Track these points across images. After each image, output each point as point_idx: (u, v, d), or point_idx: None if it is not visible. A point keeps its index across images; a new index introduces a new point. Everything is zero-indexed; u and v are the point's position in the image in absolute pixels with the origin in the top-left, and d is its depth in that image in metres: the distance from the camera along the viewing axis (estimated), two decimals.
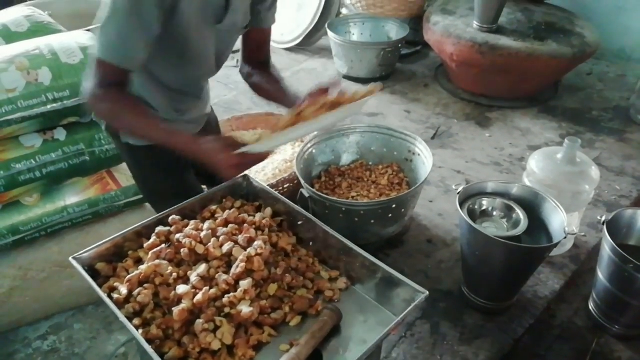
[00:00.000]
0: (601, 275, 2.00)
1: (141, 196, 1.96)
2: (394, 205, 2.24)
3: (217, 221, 1.18)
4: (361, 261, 1.12)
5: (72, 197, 1.85)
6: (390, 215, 2.27)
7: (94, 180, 1.90)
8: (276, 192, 1.29)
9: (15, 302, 1.84)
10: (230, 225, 1.16)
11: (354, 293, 1.13)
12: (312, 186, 2.39)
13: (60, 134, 1.78)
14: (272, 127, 1.16)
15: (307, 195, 2.15)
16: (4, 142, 1.70)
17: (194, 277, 1.03)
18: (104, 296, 0.99)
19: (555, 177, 2.16)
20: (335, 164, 2.73)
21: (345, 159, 2.75)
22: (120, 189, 1.92)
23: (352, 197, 2.45)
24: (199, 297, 1.00)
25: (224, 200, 1.31)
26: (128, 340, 1.95)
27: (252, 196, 1.36)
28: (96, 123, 1.84)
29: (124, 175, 1.97)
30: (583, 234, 2.49)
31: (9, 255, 1.81)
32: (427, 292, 1.02)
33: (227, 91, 3.81)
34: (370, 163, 2.71)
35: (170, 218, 1.19)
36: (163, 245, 1.09)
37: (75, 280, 1.94)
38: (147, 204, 1.98)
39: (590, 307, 2.12)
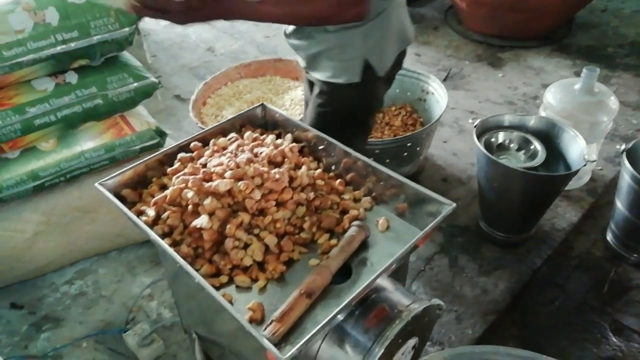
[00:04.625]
0: (620, 204, 2.00)
1: (156, 140, 1.95)
2: (409, 144, 2.22)
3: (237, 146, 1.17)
4: (385, 179, 1.12)
5: (88, 142, 1.85)
6: (405, 154, 2.26)
7: (109, 125, 1.89)
8: (295, 119, 1.28)
9: (40, 247, 1.87)
10: (251, 148, 1.15)
11: (379, 212, 1.13)
12: None
13: (72, 77, 1.76)
14: None
15: None
16: (16, 86, 1.68)
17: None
18: (134, 217, 1.00)
19: (573, 108, 2.12)
20: None
21: None
22: (135, 134, 1.91)
23: None
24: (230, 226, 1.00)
25: (242, 128, 1.30)
26: (153, 282, 1.99)
27: (270, 125, 1.34)
28: (107, 66, 1.81)
29: (137, 119, 1.96)
30: (600, 167, 2.48)
31: (30, 201, 1.83)
32: (455, 204, 1.02)
33: (233, 41, 3.74)
34: (383, 105, 2.68)
35: (192, 144, 1.19)
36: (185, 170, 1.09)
37: (98, 225, 1.96)
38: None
39: (608, 238, 2.12)
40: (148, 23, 3.74)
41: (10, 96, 1.67)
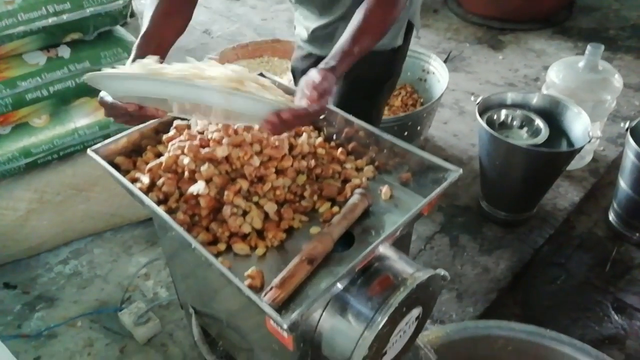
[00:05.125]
0: (623, 183, 1.97)
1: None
2: (409, 122, 2.19)
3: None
4: (389, 147, 1.08)
5: (82, 119, 1.81)
6: (405, 133, 2.23)
7: None
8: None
9: (34, 225, 1.83)
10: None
11: (383, 181, 1.10)
12: None
13: (65, 52, 1.71)
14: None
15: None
16: (7, 60, 1.63)
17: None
18: (128, 183, 0.96)
19: (577, 87, 2.09)
20: None
21: None
22: None
23: None
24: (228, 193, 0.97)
25: None
26: (149, 262, 1.96)
27: None
28: (101, 41, 1.77)
29: None
30: (602, 148, 2.46)
31: (23, 178, 1.78)
32: (461, 170, 0.98)
33: (230, 23, 3.69)
34: None
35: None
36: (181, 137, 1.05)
37: (92, 204, 1.93)
38: None
39: (610, 218, 2.10)
40: (144, 4, 3.67)
41: (1, 69, 1.63)
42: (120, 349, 1.70)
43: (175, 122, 1.12)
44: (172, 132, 1.10)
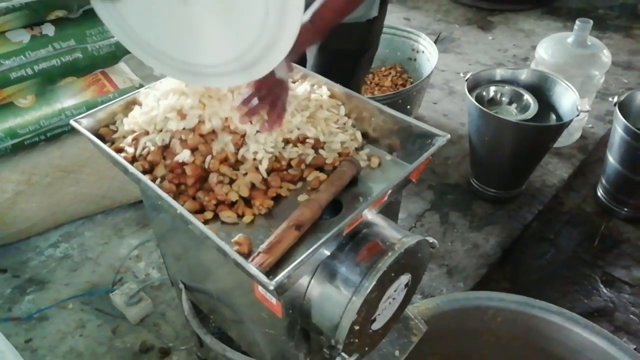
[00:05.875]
0: (611, 158, 1.98)
1: None
2: (399, 100, 2.19)
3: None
4: (376, 115, 1.08)
5: (69, 99, 1.79)
6: None
7: (90, 81, 1.82)
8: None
9: (22, 208, 1.82)
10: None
11: (370, 149, 1.09)
12: None
13: (49, 29, 1.68)
14: None
15: None
16: None
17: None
18: (112, 153, 0.95)
19: (565, 62, 2.09)
20: None
21: None
22: (117, 91, 1.85)
23: None
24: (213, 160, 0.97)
25: None
26: (141, 243, 1.95)
27: None
28: (86, 19, 1.74)
29: (120, 77, 1.89)
30: (591, 125, 2.47)
31: (10, 160, 1.76)
32: (449, 135, 0.98)
33: None
34: (373, 66, 2.63)
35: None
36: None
37: (82, 186, 1.91)
38: None
39: (599, 194, 2.12)
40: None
41: None
42: (112, 330, 1.69)
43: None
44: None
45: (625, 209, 2.04)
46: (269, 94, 1.01)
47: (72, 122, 1.03)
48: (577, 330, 1.33)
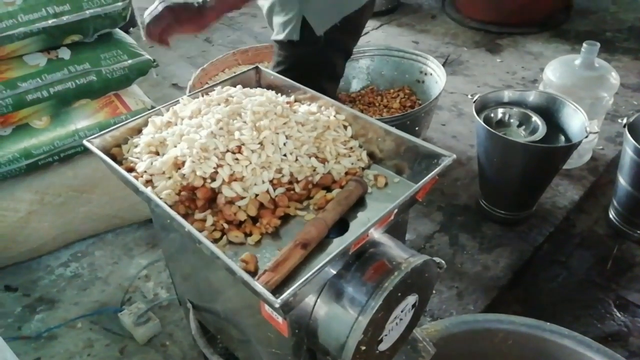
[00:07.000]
0: (622, 180, 1.97)
1: None
2: (408, 122, 2.20)
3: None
4: (382, 135, 1.09)
5: (82, 120, 1.82)
6: None
7: (103, 103, 1.87)
8: (291, 81, 1.25)
9: (34, 227, 1.84)
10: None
11: (377, 170, 1.10)
12: None
13: (65, 53, 1.73)
14: None
15: None
16: (7, 61, 1.66)
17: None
18: (123, 172, 0.97)
19: (573, 84, 2.10)
20: (344, 91, 2.68)
21: (355, 85, 2.69)
22: (129, 112, 1.88)
23: None
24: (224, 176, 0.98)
25: None
26: (150, 263, 1.96)
27: (265, 88, 1.32)
28: (101, 43, 1.79)
29: (132, 99, 1.93)
30: (601, 147, 2.46)
31: (24, 180, 1.80)
32: (454, 155, 0.99)
33: (231, 32, 3.72)
34: (381, 88, 2.66)
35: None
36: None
37: (93, 205, 1.94)
38: None
39: (611, 216, 2.09)
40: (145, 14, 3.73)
41: (1, 70, 1.65)
42: (120, 350, 1.69)
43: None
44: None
45: (638, 232, 2.01)
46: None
47: (85, 142, 1.05)
48: (590, 355, 1.31)
